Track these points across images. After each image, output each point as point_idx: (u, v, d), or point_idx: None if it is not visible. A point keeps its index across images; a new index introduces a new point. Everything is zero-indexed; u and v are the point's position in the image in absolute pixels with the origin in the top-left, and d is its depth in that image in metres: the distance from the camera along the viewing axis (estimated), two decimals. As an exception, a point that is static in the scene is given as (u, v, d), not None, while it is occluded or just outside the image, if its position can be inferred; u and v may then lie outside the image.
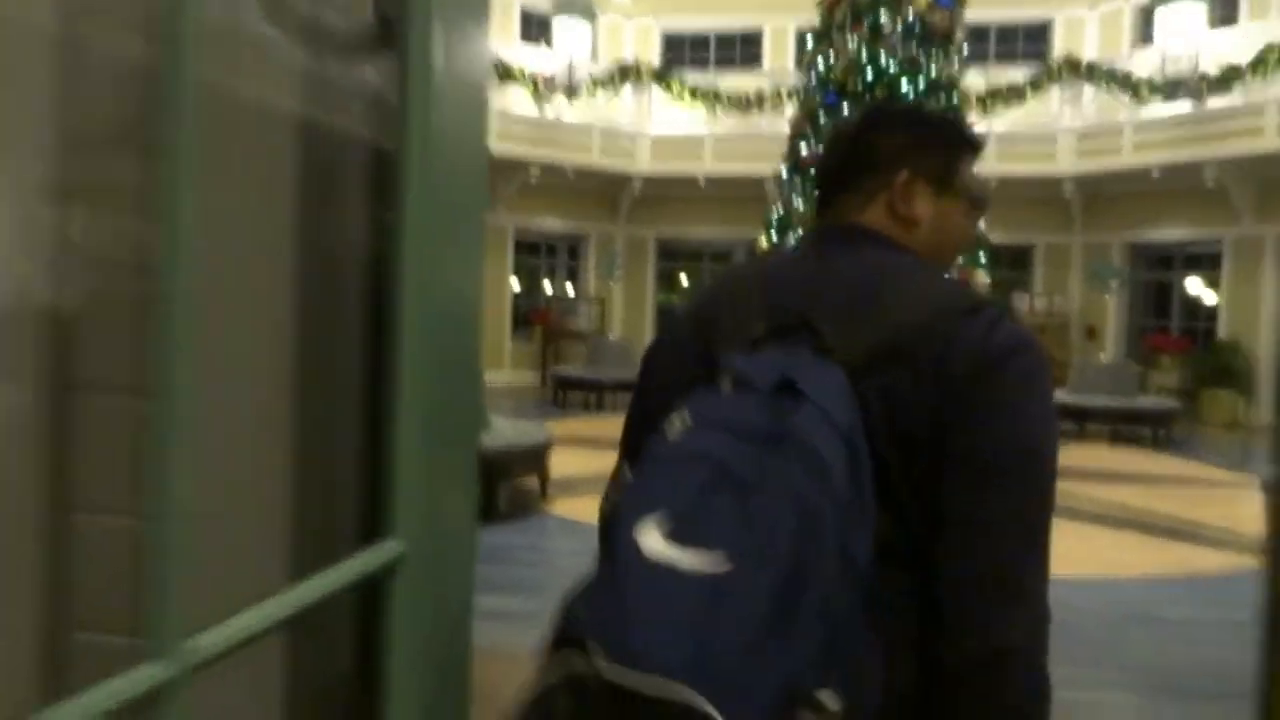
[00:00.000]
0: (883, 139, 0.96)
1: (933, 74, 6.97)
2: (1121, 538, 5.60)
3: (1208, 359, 11.48)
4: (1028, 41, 13.79)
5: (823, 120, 7.18)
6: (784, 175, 7.61)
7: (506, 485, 5.19)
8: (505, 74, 11.88)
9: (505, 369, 13.50)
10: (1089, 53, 12.74)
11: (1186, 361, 11.83)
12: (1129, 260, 12.90)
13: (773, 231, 7.47)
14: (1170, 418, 9.49)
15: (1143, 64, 11.58)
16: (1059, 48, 13.36)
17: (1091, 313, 12.96)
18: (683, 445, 0.72)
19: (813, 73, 7.45)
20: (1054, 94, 12.40)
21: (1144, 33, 13.00)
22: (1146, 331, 12.87)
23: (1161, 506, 6.29)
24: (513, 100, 12.30)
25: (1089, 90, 12.09)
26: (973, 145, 1.00)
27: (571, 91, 11.51)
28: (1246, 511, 6.20)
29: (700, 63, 14.53)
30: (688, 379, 0.82)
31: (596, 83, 12.71)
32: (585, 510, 5.21)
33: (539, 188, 13.13)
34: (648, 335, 14.47)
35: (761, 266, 1.05)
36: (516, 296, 13.93)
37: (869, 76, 6.97)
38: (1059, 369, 12.47)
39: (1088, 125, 12.06)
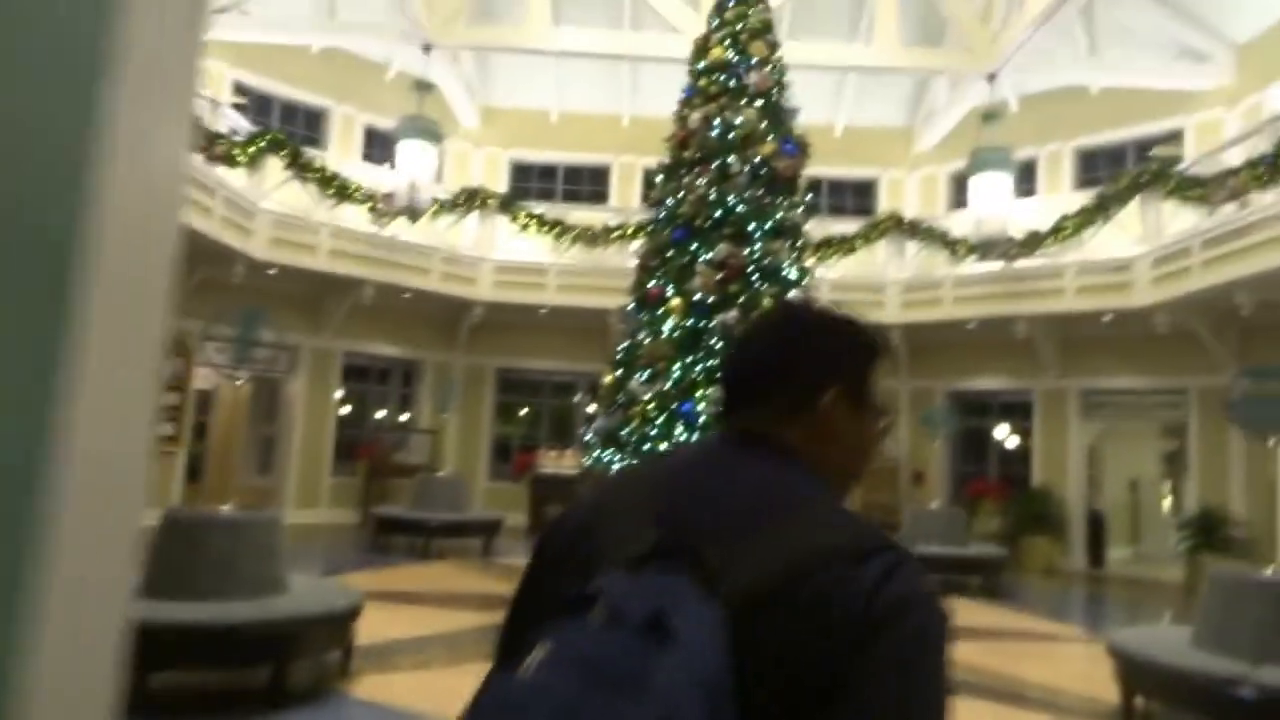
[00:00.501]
0: (804, 350, 0.94)
1: (778, 217, 7.01)
2: (963, 705, 5.32)
3: (1025, 505, 11.97)
4: (856, 197, 14.72)
5: (670, 254, 7.05)
6: (630, 309, 7.37)
7: (304, 660, 4.30)
8: (342, 190, 11.32)
9: (323, 507, 12.32)
10: (910, 211, 13.67)
11: (1007, 507, 12.30)
12: (944, 403, 13.52)
13: (616, 367, 7.14)
14: (998, 566, 9.65)
15: (959, 224, 12.47)
16: (884, 204, 14.33)
17: (919, 458, 13.37)
18: (526, 688, 0.64)
19: (661, 207, 7.36)
20: (880, 247, 13.12)
21: (958, 197, 14.18)
22: (968, 477, 13.39)
23: (990, 664, 5.94)
24: (350, 218, 11.70)
25: (912, 245, 12.86)
26: (888, 353, 1.00)
27: (413, 212, 11.07)
28: (1073, 669, 6.17)
29: (547, 193, 14.55)
30: (565, 583, 0.77)
31: (440, 206, 12.36)
32: (399, 690, 4.39)
33: (373, 310, 12.42)
34: (483, 471, 13.70)
35: (658, 469, 0.95)
36: (341, 427, 12.90)
37: (717, 214, 6.93)
38: (890, 514, 12.70)
39: (912, 277, 12.77)
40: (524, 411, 14.65)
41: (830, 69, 12.16)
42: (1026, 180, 12.80)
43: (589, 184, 15.09)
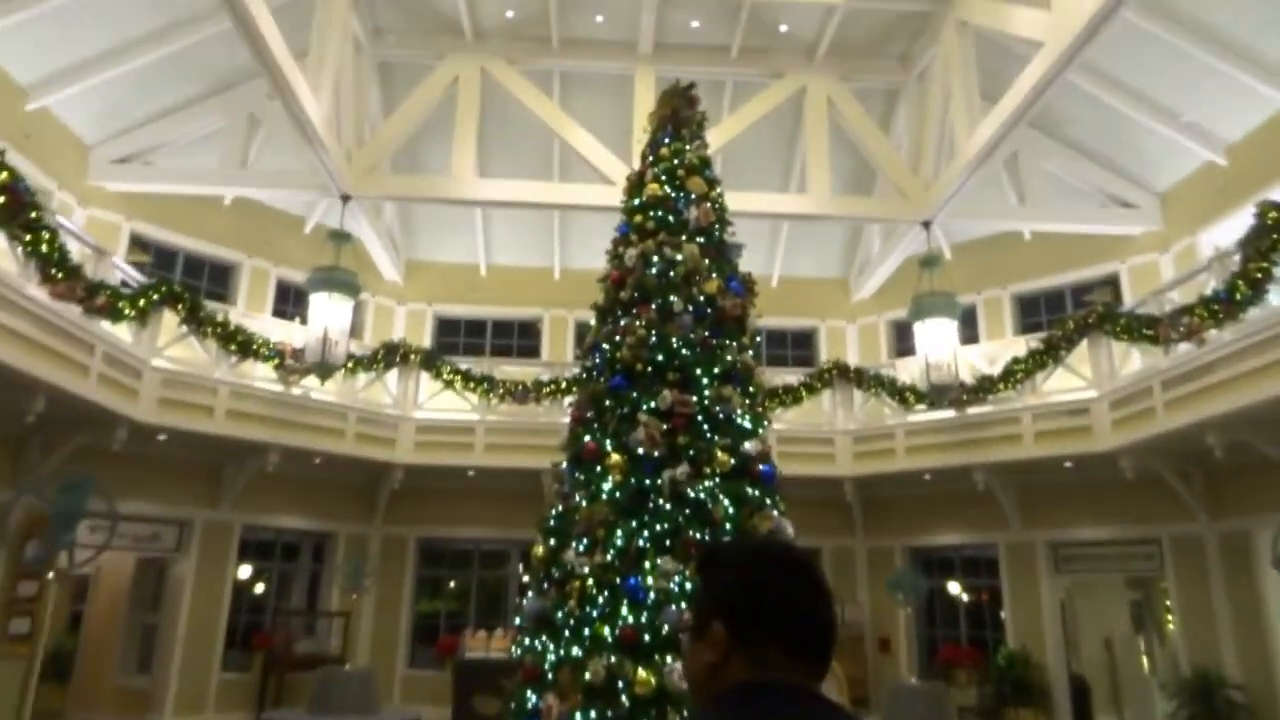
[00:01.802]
0: None
1: (728, 360, 6.28)
2: None
3: (1004, 673, 10.92)
4: (796, 347, 14.31)
5: (608, 404, 6.20)
6: (563, 468, 6.42)
7: None
8: (246, 345, 10.32)
9: (209, 712, 10.56)
10: (851, 359, 13.24)
11: (984, 675, 11.24)
12: (909, 565, 12.63)
13: (549, 536, 6.11)
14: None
15: (905, 371, 12.03)
16: (824, 354, 13.91)
17: (883, 622, 12.31)
18: None
19: (595, 353, 6.57)
20: (825, 397, 12.56)
21: (899, 345, 13.87)
22: (935, 641, 12.34)
23: None
24: (252, 376, 10.66)
25: (859, 394, 12.33)
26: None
27: (325, 369, 10.11)
28: None
29: (475, 349, 13.77)
30: None
31: (356, 362, 11.42)
32: None
33: (278, 477, 11.17)
34: (401, 657, 12.12)
35: None
36: (237, 612, 11.30)
37: (659, 358, 6.16)
38: (858, 688, 11.47)
39: (861, 427, 12.15)
40: (451, 584, 13.20)
41: (765, 218, 11.94)
42: (968, 326, 12.55)
43: (519, 339, 14.41)
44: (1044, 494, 11.34)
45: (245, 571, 11.68)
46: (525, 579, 12.77)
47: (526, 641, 5.87)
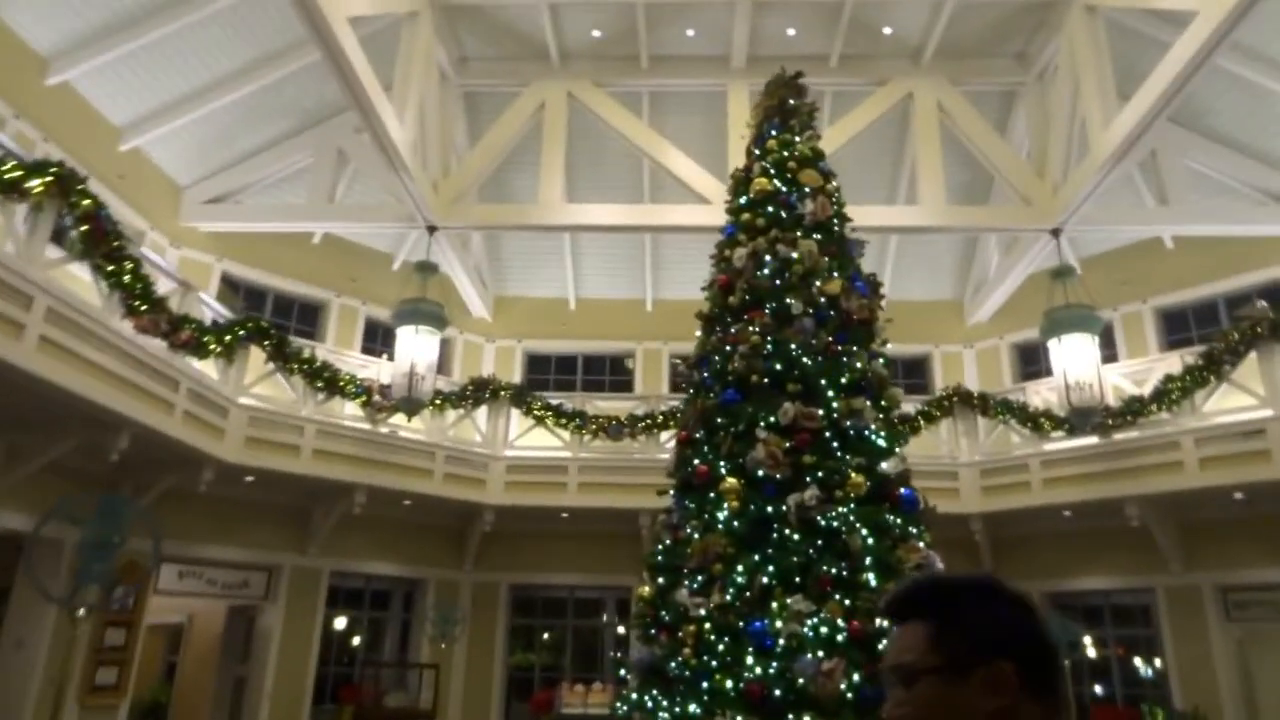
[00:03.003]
0: None
1: (858, 368, 5.46)
2: None
3: (1174, 737, 9.49)
4: (908, 375, 13.24)
5: (720, 421, 5.43)
6: (671, 496, 5.67)
7: None
8: (332, 382, 9.97)
9: (295, 767, 10.02)
10: (970, 386, 12.09)
11: (1147, 741, 9.81)
12: (1058, 613, 11.28)
13: (657, 574, 5.34)
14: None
15: (1035, 396, 10.88)
16: (939, 380, 12.83)
17: (1023, 676, 10.95)
18: None
19: (704, 367, 5.84)
20: (944, 427, 11.47)
21: (1023, 369, 12.69)
22: (1084, 701, 10.91)
23: None
24: (339, 414, 10.29)
25: (983, 422, 11.20)
26: None
27: (412, 405, 9.65)
28: None
29: (566, 385, 13.20)
30: None
31: (444, 399, 10.96)
32: None
33: (366, 520, 10.72)
34: (495, 712, 11.39)
35: None
36: (324, 664, 10.80)
37: (777, 368, 5.38)
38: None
39: (988, 458, 11.00)
40: (546, 636, 12.46)
41: (874, 231, 11.04)
42: (1105, 345, 11.28)
43: (611, 374, 13.80)
44: (1210, 531, 9.95)
45: (335, 620, 11.22)
46: (622, 629, 11.99)
47: (634, 697, 5.07)
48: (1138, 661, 10.79)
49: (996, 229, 11.06)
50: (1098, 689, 10.94)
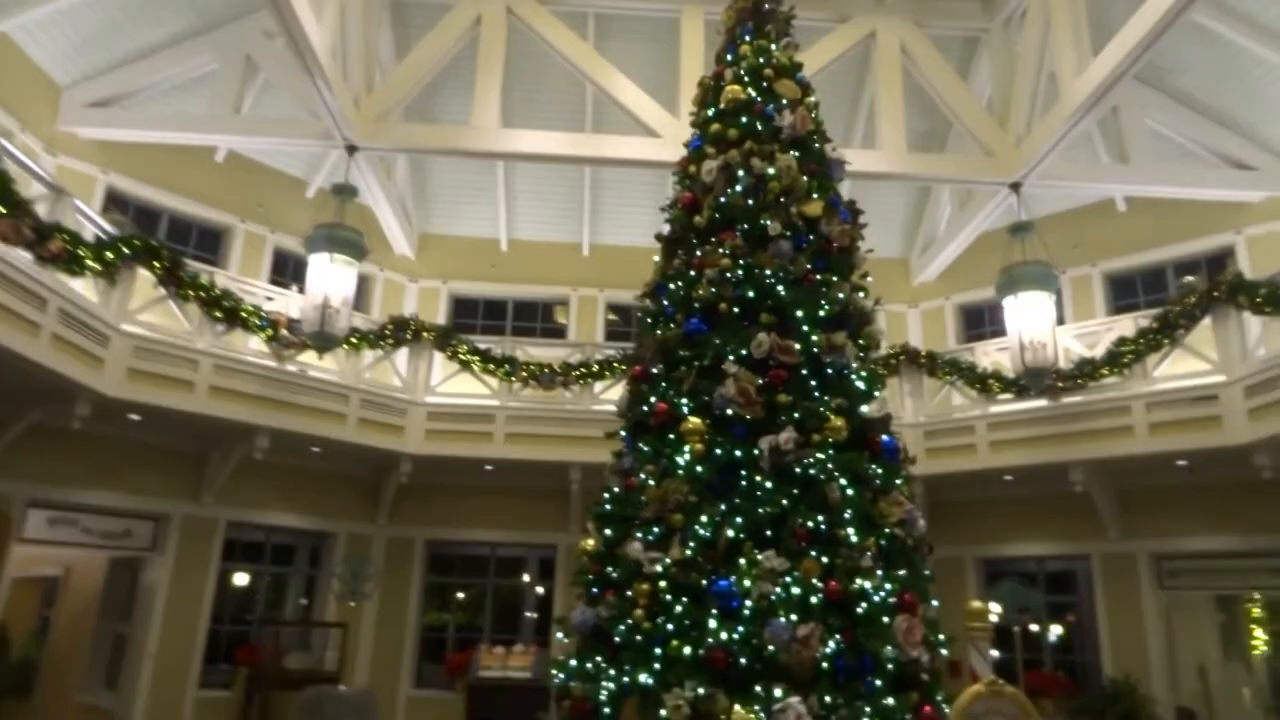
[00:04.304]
0: None
1: (840, 297, 4.84)
2: None
3: (1106, 705, 9.37)
4: (852, 334, 12.81)
5: (682, 354, 4.76)
6: (621, 440, 4.98)
7: None
8: (233, 312, 8.93)
9: (182, 734, 9.10)
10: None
11: (1079, 707, 9.70)
12: (982, 577, 11.11)
13: (604, 525, 4.67)
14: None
15: (983, 357, 10.56)
16: (883, 341, 12.42)
17: (956, 645, 10.74)
18: None
19: (661, 294, 5.14)
20: (891, 386, 11.07)
21: (968, 331, 12.41)
22: (1010, 666, 10.77)
23: None
24: (241, 349, 9.26)
25: (929, 384, 10.85)
26: None
27: (325, 341, 8.70)
28: None
29: (495, 330, 12.34)
30: None
31: (361, 338, 10.01)
32: None
33: (270, 467, 9.75)
34: (406, 676, 10.64)
35: None
36: (217, 622, 9.85)
37: (750, 295, 4.72)
38: None
39: (933, 420, 10.66)
40: (460, 595, 11.71)
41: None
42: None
43: (543, 321, 13.00)
44: (1148, 498, 9.82)
45: (232, 576, 10.25)
46: (541, 589, 11.33)
47: (573, 664, 4.40)
48: (1069, 629, 10.68)
49: (957, 180, 10.60)
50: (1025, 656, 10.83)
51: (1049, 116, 9.30)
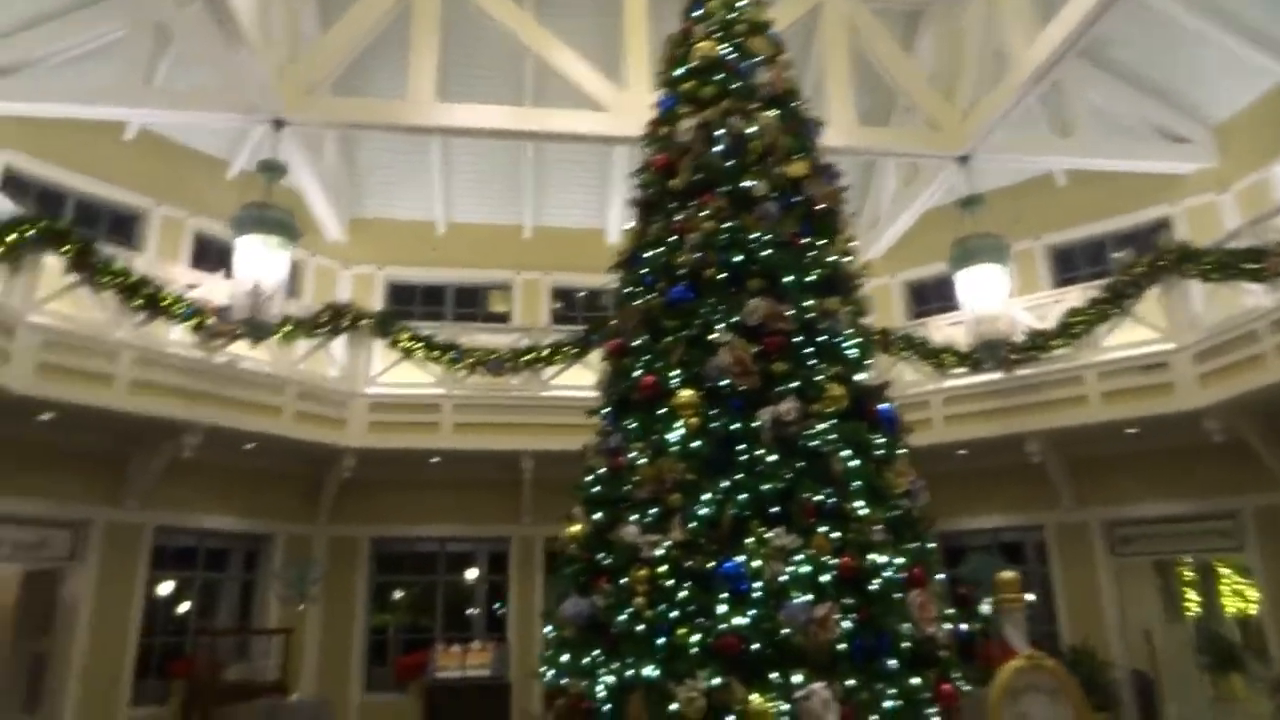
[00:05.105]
0: None
1: (830, 261, 4.60)
2: None
3: (1072, 672, 9.45)
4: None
5: (667, 324, 4.46)
6: (602, 419, 4.66)
7: None
8: (154, 300, 8.26)
9: (111, 756, 8.42)
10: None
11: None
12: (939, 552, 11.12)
13: (592, 508, 4.34)
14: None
15: (936, 333, 10.54)
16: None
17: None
18: None
19: (636, 264, 4.83)
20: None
21: (916, 308, 12.41)
22: (968, 638, 10.83)
23: None
24: (164, 341, 8.59)
25: (883, 360, 10.77)
26: None
27: (256, 328, 8.12)
28: None
29: (434, 318, 11.81)
30: None
31: (295, 326, 9.41)
32: None
33: (200, 467, 9.09)
34: (356, 681, 10.12)
35: None
36: (148, 635, 9.16)
37: (737, 259, 4.45)
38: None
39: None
40: (398, 594, 11.15)
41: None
42: (998, 282, 11.10)
43: (485, 307, 12.53)
44: (1100, 467, 9.94)
45: (161, 584, 9.55)
46: (489, 583, 10.91)
47: (564, 659, 4.08)
48: (1029, 597, 10.78)
49: (906, 154, 10.55)
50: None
51: (999, 88, 9.29)
